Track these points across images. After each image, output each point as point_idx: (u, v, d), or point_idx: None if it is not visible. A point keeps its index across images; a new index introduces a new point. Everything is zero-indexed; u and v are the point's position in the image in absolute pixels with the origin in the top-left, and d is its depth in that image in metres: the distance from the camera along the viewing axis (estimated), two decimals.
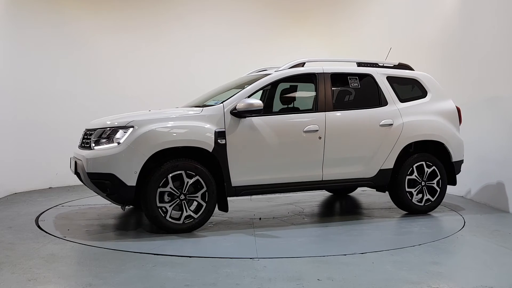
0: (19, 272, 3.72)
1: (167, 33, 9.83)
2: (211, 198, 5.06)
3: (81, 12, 9.21)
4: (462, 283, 3.53)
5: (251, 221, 5.74)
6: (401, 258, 4.14)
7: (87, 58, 9.21)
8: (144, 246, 4.51)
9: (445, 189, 6.09)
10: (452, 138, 6.07)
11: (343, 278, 3.60)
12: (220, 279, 3.57)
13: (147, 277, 3.61)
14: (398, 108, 5.91)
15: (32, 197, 7.49)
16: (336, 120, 5.60)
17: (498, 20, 6.58)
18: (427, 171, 5.95)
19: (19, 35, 8.30)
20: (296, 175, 5.44)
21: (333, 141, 5.53)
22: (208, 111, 5.18)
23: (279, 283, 3.48)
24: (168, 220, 4.93)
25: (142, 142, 4.83)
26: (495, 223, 5.63)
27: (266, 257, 4.14)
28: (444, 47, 7.74)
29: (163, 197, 4.93)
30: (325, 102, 5.62)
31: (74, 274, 3.74)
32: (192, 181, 4.97)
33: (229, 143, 5.10)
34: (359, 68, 6.06)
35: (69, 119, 8.71)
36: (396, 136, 5.79)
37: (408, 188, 5.90)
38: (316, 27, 10.52)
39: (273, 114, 5.71)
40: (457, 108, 6.23)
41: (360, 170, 5.70)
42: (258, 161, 5.28)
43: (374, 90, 5.95)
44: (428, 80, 6.24)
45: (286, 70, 5.70)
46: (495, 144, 6.51)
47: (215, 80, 7.27)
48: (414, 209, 5.96)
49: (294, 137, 5.41)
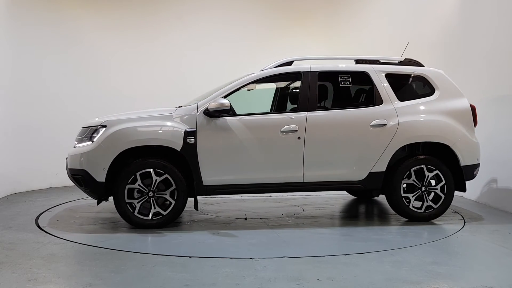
0: (19, 272, 3.72)
1: (167, 32, 9.84)
2: (179, 196, 5.15)
3: (80, 11, 9.23)
4: (462, 283, 3.52)
5: (235, 220, 5.75)
6: (401, 258, 4.14)
7: (87, 57, 9.22)
8: (144, 246, 4.51)
9: (451, 195, 5.57)
10: (461, 140, 5.54)
11: (343, 278, 3.60)
12: (220, 279, 3.57)
13: (147, 277, 3.61)
14: (395, 107, 5.50)
15: (32, 197, 7.49)
16: (318, 120, 5.37)
17: (499, 18, 6.58)
18: (428, 175, 5.51)
19: (19, 35, 8.30)
20: (273, 176, 5.32)
21: (314, 142, 5.31)
22: (181, 111, 5.31)
23: (279, 283, 3.48)
24: (136, 215, 5.14)
25: (111, 141, 5.11)
26: (495, 223, 5.63)
27: (266, 257, 4.13)
28: (444, 47, 7.74)
29: (133, 194, 5.13)
30: (308, 101, 5.41)
31: (74, 274, 3.74)
32: (160, 179, 5.12)
33: (200, 143, 5.16)
34: (354, 66, 5.76)
35: (69, 119, 8.71)
36: (389, 137, 5.41)
37: (405, 193, 5.51)
38: (316, 27, 10.52)
39: (250, 114, 5.48)
40: (472, 107, 5.69)
41: (346, 173, 5.42)
42: (231, 161, 5.27)
43: (370, 88, 5.66)
44: (437, 77, 5.74)
45: (268, 69, 5.59)
46: (495, 144, 6.50)
47: (215, 80, 7.26)
48: (412, 216, 5.54)
49: (271, 137, 5.30)
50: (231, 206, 6.74)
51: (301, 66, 5.63)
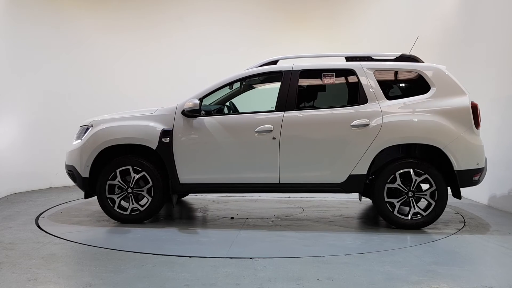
0: (19, 272, 3.72)
1: (167, 32, 9.86)
2: (156, 193, 5.33)
3: (81, 12, 9.23)
4: (462, 283, 3.52)
5: (219, 219, 5.81)
6: (401, 258, 4.14)
7: (87, 57, 9.23)
8: (144, 246, 4.51)
9: (444, 202, 5.12)
10: (456, 142, 5.06)
11: (343, 278, 3.59)
12: (220, 279, 3.57)
13: (147, 277, 3.60)
14: (380, 106, 5.16)
15: (32, 197, 7.49)
16: (295, 120, 5.20)
17: (497, 19, 6.58)
18: (415, 179, 5.10)
19: (19, 34, 8.29)
20: (248, 176, 5.27)
21: (290, 142, 5.17)
22: (161, 111, 5.47)
23: (279, 283, 3.48)
24: (116, 210, 5.43)
25: (93, 139, 5.45)
26: (495, 223, 5.63)
27: (266, 257, 4.13)
28: (444, 47, 7.74)
29: (114, 189, 5.42)
30: (286, 101, 5.27)
31: (74, 274, 3.74)
32: (138, 176, 5.36)
33: (176, 142, 5.29)
34: (340, 64, 5.48)
35: (69, 119, 8.71)
36: (371, 138, 5.08)
37: (389, 198, 5.17)
38: (316, 28, 10.50)
39: (228, 114, 5.45)
40: (473, 105, 5.19)
41: (325, 175, 5.18)
42: (206, 160, 5.30)
43: (354, 86, 5.34)
44: (434, 73, 5.28)
45: (250, 69, 5.56)
46: (495, 144, 6.50)
47: (215, 80, 7.24)
48: (397, 223, 5.16)
49: (246, 137, 5.24)
50: (237, 206, 6.76)
51: (284, 65, 5.50)
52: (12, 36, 8.12)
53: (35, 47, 8.55)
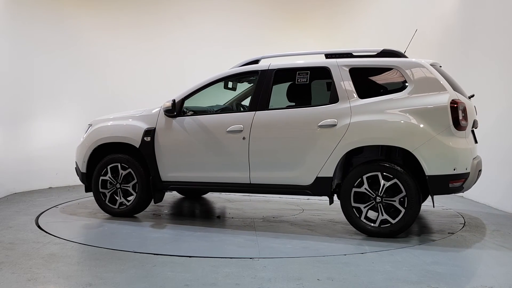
0: (19, 272, 3.72)
1: (166, 32, 9.83)
2: (140, 190, 5.61)
3: (81, 11, 9.21)
4: (462, 283, 3.52)
5: (207, 218, 5.90)
6: (401, 258, 4.14)
7: (88, 57, 9.21)
8: (144, 246, 4.51)
9: (415, 210, 4.64)
10: (428, 144, 4.58)
11: (343, 278, 3.60)
12: (220, 279, 3.57)
13: (147, 277, 3.61)
14: (350, 105, 4.85)
15: (32, 197, 7.48)
16: (264, 120, 5.12)
17: (497, 19, 6.58)
18: (383, 184, 4.70)
19: (18, 33, 8.27)
20: (223, 176, 5.31)
21: (259, 142, 5.10)
22: (148, 111, 5.73)
23: (279, 283, 3.48)
24: (107, 204, 5.79)
25: (89, 138, 5.89)
26: (495, 223, 5.63)
27: (266, 257, 4.14)
28: (444, 47, 7.74)
29: (106, 185, 5.78)
30: (258, 100, 5.21)
31: (74, 274, 3.74)
32: (125, 172, 5.69)
33: (157, 141, 5.52)
34: (316, 62, 5.30)
35: (69, 119, 8.71)
36: (337, 139, 4.82)
37: (356, 203, 4.84)
38: (316, 28, 10.50)
39: (205, 114, 5.51)
40: (455, 104, 4.64)
41: (293, 177, 5.01)
42: (183, 159, 5.46)
43: (328, 85, 5.18)
44: (413, 70, 4.83)
45: (231, 69, 5.60)
46: (494, 144, 6.50)
47: None
48: (364, 230, 4.82)
49: (218, 137, 5.29)
50: (243, 205, 6.75)
51: (262, 65, 5.45)
52: (11, 34, 8.09)
53: (35, 46, 8.51)
